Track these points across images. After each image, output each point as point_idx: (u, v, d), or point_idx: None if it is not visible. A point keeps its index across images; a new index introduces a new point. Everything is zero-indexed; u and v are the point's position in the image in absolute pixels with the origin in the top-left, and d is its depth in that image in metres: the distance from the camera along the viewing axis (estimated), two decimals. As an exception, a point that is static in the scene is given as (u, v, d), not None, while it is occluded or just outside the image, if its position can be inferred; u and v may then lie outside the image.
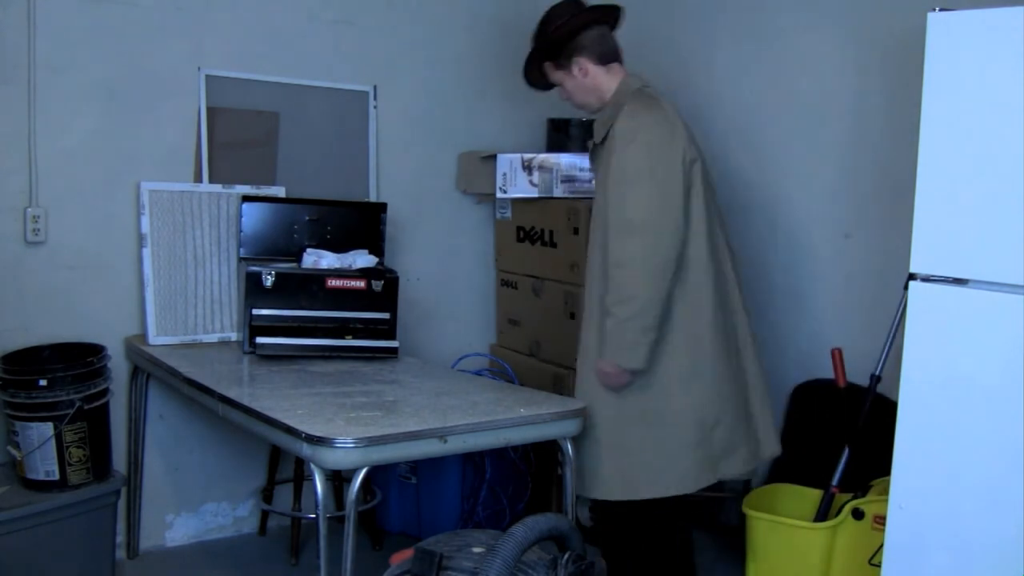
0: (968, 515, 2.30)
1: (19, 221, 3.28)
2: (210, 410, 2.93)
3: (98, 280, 3.42)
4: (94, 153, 3.38)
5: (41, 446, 3.03)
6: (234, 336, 3.53)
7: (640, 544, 2.86)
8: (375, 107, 3.90)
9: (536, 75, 3.04)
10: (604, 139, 2.87)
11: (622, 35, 2.89)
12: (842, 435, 2.98)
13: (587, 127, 4.07)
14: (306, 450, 2.45)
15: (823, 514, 2.98)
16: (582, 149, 4.00)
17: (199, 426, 3.66)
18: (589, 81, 2.92)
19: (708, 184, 2.82)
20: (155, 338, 3.39)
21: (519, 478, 3.67)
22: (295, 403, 2.72)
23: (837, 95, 3.48)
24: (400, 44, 3.95)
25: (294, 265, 3.44)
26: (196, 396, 2.99)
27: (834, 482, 2.98)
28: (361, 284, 3.36)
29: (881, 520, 2.57)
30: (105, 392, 3.19)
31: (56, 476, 3.05)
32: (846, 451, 2.97)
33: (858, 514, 2.86)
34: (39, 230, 3.30)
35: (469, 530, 2.78)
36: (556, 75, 2.97)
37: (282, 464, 3.72)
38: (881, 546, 2.47)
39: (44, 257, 3.32)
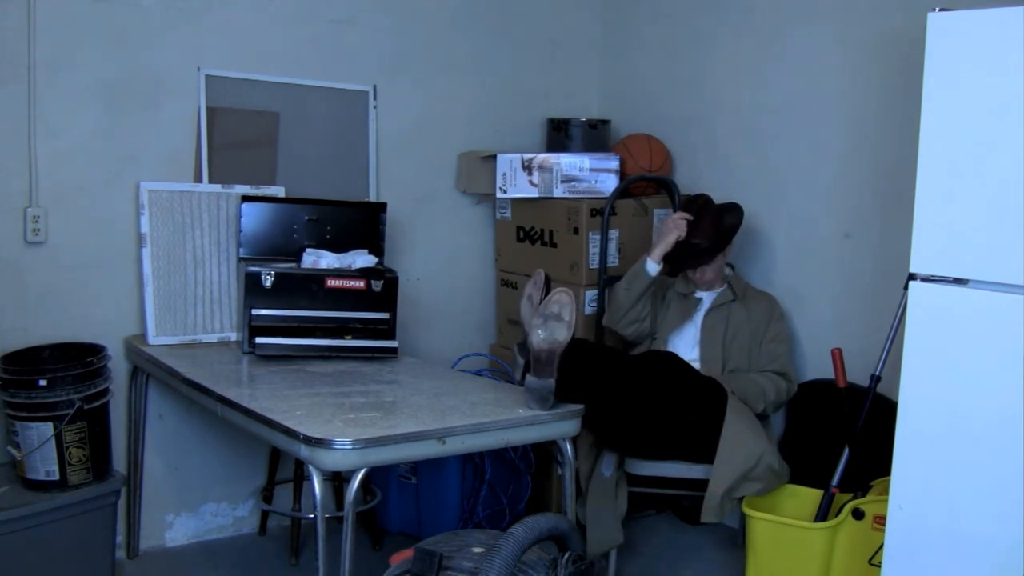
0: (968, 515, 2.30)
1: (19, 221, 3.27)
2: (210, 410, 2.93)
3: (98, 280, 3.42)
4: (94, 153, 3.38)
5: (41, 446, 3.03)
6: (233, 336, 3.52)
7: None
8: (375, 107, 3.90)
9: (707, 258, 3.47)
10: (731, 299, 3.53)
11: (624, 39, 2.91)
12: (842, 435, 2.98)
13: (587, 127, 4.08)
14: (304, 451, 2.45)
15: (823, 514, 2.98)
16: (582, 149, 4.00)
17: (199, 426, 3.66)
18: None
19: None
20: (155, 338, 3.39)
21: (519, 478, 3.67)
22: (294, 404, 2.72)
23: (837, 95, 3.48)
24: (400, 44, 3.95)
25: (293, 265, 3.44)
26: (195, 396, 2.99)
27: (834, 482, 2.98)
28: (360, 284, 3.36)
29: (881, 520, 2.58)
30: (105, 392, 3.19)
31: (56, 476, 3.05)
32: (846, 451, 2.97)
33: (858, 514, 2.86)
34: (39, 230, 3.30)
35: (469, 530, 2.78)
36: (719, 256, 3.49)
37: (282, 464, 3.72)
38: (881, 546, 2.47)
39: (44, 257, 3.32)
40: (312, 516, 3.42)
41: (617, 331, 3.56)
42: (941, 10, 2.30)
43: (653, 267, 3.42)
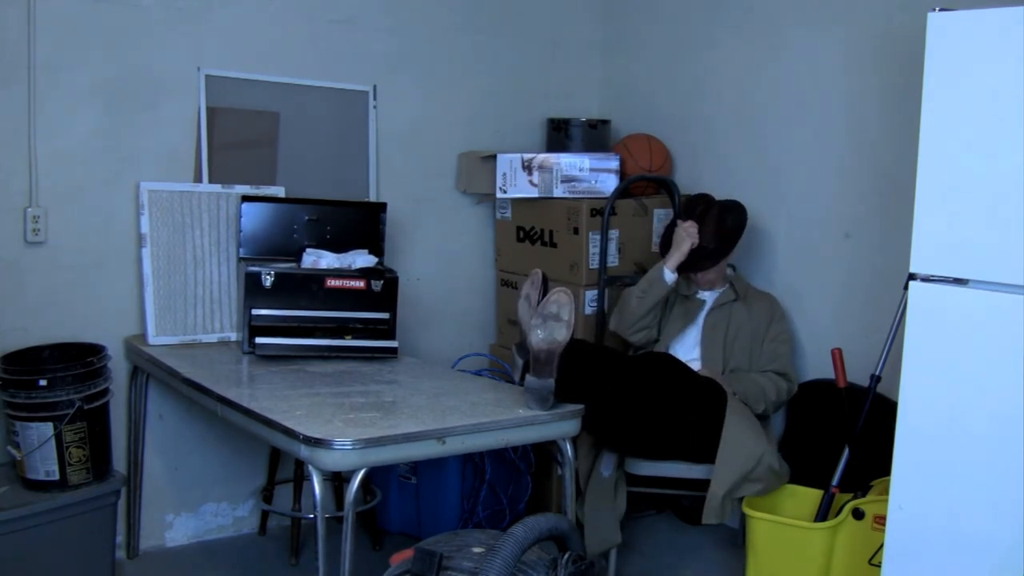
0: (968, 515, 2.30)
1: (19, 221, 3.27)
2: (210, 410, 2.93)
3: (98, 280, 3.42)
4: (94, 153, 3.38)
5: (41, 446, 3.03)
6: (233, 336, 3.52)
7: None
8: (375, 107, 3.90)
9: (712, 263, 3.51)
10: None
11: (624, 39, 2.91)
12: (842, 435, 2.98)
13: (587, 127, 4.08)
14: (304, 451, 2.45)
15: (823, 514, 2.98)
16: (582, 149, 4.00)
17: (199, 426, 3.66)
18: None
19: None
20: (154, 338, 3.39)
21: (519, 478, 3.67)
22: (294, 404, 2.72)
23: (837, 95, 3.48)
24: (400, 44, 3.95)
25: (293, 265, 3.44)
26: (195, 396, 2.99)
27: (834, 482, 2.98)
28: (360, 284, 3.36)
29: (881, 520, 2.58)
30: (105, 392, 3.19)
31: (56, 476, 3.05)
32: (846, 451, 2.97)
33: (858, 514, 2.86)
34: (39, 230, 3.30)
35: (469, 530, 2.78)
36: (723, 260, 3.53)
37: (282, 464, 3.72)
38: (881, 546, 2.47)
39: (44, 257, 3.32)
40: (312, 516, 3.43)
41: (625, 337, 3.57)
42: (941, 10, 2.30)
43: (670, 276, 3.44)
